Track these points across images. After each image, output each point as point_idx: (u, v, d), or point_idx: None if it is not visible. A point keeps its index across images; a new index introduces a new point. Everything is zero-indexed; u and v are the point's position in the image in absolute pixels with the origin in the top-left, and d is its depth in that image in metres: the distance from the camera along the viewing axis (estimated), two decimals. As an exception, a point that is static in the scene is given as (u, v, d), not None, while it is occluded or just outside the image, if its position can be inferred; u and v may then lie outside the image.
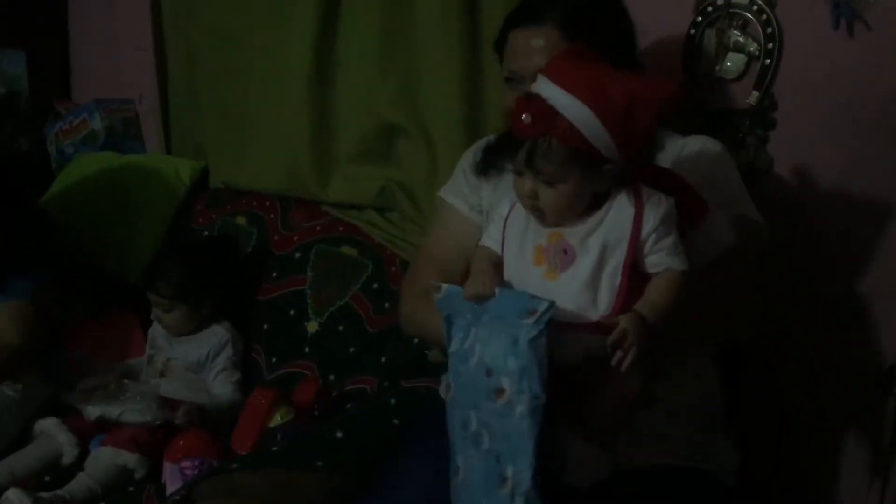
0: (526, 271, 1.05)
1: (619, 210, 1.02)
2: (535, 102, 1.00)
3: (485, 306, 1.00)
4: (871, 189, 1.50)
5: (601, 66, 1.02)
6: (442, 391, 1.23)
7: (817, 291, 1.58)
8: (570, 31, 1.19)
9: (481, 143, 1.45)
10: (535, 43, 1.22)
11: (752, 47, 1.55)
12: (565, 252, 1.02)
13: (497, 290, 1.00)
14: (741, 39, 1.56)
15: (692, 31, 1.60)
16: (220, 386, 1.80)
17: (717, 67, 1.59)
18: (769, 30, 1.53)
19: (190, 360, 1.82)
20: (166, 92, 2.39)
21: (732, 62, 1.57)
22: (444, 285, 1.05)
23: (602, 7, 1.26)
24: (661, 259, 1.01)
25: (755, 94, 1.56)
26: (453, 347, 1.04)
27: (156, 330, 1.89)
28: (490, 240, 1.12)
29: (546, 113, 0.98)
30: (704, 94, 1.60)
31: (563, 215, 1.03)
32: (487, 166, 1.39)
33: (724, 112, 1.60)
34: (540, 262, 1.03)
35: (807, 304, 1.57)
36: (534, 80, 1.11)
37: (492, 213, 1.23)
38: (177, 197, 2.22)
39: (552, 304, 0.94)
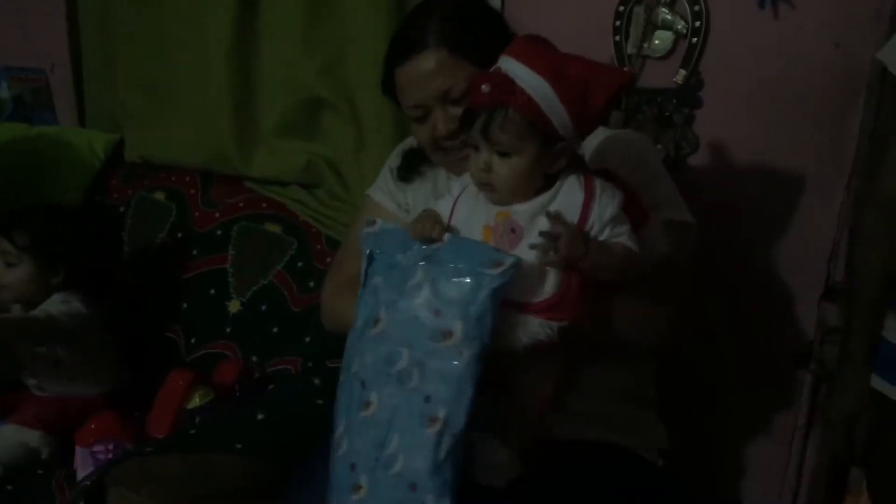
0: None
1: (569, 193, 1.03)
2: (494, 74, 1.02)
3: (425, 249, 1.02)
4: (792, 167, 1.53)
5: (561, 51, 1.05)
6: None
7: (737, 268, 1.61)
8: (453, 46, 1.18)
9: (405, 146, 1.43)
10: (425, 67, 1.19)
11: (680, 25, 1.55)
12: (513, 231, 1.02)
13: (447, 237, 1.02)
14: (669, 17, 1.56)
15: (621, 8, 1.59)
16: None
17: (646, 45, 1.59)
18: (696, 8, 1.53)
19: None
20: (79, 61, 2.28)
21: (660, 40, 1.58)
22: (380, 221, 1.07)
23: (472, 13, 1.24)
24: (618, 242, 1.03)
25: (682, 72, 1.57)
26: (382, 282, 1.05)
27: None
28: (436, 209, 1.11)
29: (505, 83, 1.00)
30: (632, 72, 1.60)
31: (514, 191, 1.04)
32: (409, 172, 1.38)
33: (652, 91, 1.60)
34: (487, 242, 1.03)
35: (726, 281, 1.59)
36: (440, 103, 1.19)
37: (432, 201, 1.21)
38: (90, 171, 2.13)
39: (518, 259, 0.97)
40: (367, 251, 1.06)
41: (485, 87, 1.01)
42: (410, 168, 1.38)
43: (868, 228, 1.25)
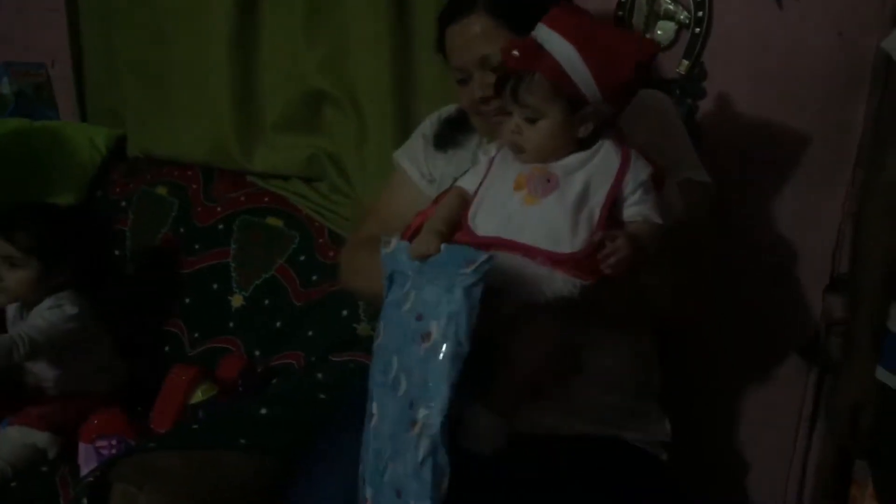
0: (504, 196, 1.06)
1: (606, 156, 1.06)
2: (525, 40, 1.06)
3: (427, 263, 1.01)
4: (796, 157, 1.52)
5: (597, 19, 1.10)
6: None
7: (741, 259, 1.60)
8: (497, 14, 1.20)
9: (442, 113, 1.44)
10: (471, 31, 1.22)
11: (683, 15, 1.54)
12: (548, 181, 1.05)
13: (442, 247, 1.01)
14: (672, 7, 1.55)
15: (623, -1, 1.58)
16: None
17: (648, 36, 1.57)
18: (699, -3, 1.52)
19: None
20: (80, 55, 2.27)
21: (663, 30, 1.57)
22: (394, 239, 1.06)
23: None
24: (641, 210, 1.05)
25: (685, 62, 1.56)
26: (390, 298, 1.05)
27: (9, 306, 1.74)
28: (467, 181, 1.12)
29: (532, 48, 1.05)
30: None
31: (543, 153, 1.07)
32: (445, 140, 1.39)
33: (654, 81, 1.58)
34: (520, 188, 1.06)
35: (730, 272, 1.58)
36: (480, 69, 1.22)
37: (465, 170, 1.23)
38: (92, 166, 2.13)
39: (491, 256, 0.96)
40: (389, 272, 1.06)
41: (515, 52, 1.05)
42: (447, 136, 1.39)
43: (871, 218, 1.24)
